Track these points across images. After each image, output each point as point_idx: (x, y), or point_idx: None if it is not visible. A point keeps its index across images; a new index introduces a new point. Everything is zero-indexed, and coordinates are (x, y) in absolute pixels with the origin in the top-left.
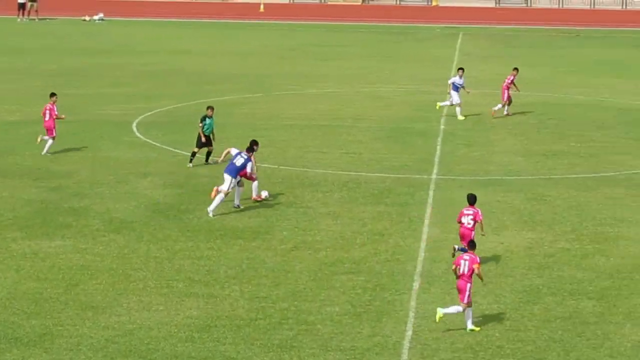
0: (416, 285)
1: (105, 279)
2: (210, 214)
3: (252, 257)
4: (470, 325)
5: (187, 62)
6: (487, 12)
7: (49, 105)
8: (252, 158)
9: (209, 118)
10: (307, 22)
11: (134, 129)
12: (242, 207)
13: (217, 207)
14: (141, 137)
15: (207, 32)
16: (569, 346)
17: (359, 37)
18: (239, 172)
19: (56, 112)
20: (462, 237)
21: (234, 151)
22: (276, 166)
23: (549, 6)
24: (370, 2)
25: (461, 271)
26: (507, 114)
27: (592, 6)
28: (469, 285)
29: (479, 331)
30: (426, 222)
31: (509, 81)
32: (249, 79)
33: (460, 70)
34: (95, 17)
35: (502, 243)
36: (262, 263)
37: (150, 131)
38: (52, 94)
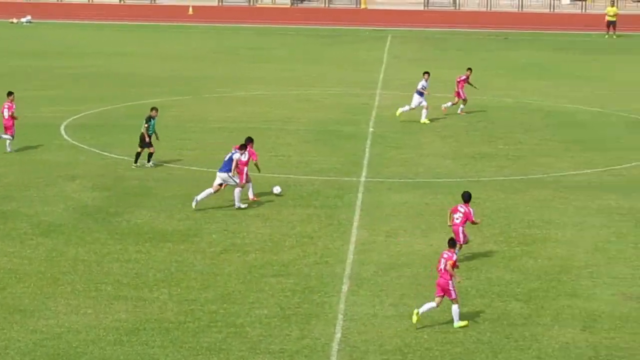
0: (345, 287)
1: (34, 283)
2: (240, 205)
3: (180, 260)
4: (457, 322)
5: (116, 65)
6: (416, 15)
7: (7, 104)
8: (250, 152)
9: (153, 119)
10: (236, 24)
11: (62, 131)
12: (243, 207)
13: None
14: (69, 139)
15: (136, 35)
16: (497, 348)
17: (288, 40)
18: (229, 166)
19: (13, 110)
20: (453, 232)
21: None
22: (205, 169)
23: (477, 9)
24: (299, 5)
25: (439, 267)
26: (444, 111)
27: (520, 9)
28: (450, 282)
29: (466, 325)
30: (355, 224)
31: (461, 80)
32: (178, 82)
33: (426, 74)
34: (23, 20)
35: (430, 245)
36: (191, 266)
37: (78, 134)
38: (10, 93)
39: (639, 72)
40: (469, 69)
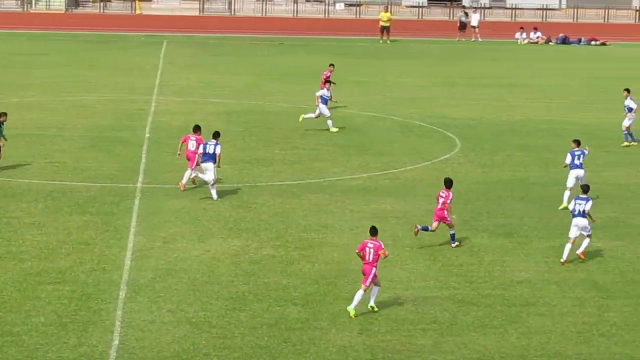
0: (122, 294)
1: None
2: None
3: None
4: (372, 302)
5: None
6: (192, 20)
7: None
8: (197, 139)
9: (2, 124)
10: (9, 30)
11: None
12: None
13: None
14: None
15: None
16: (276, 352)
17: (63, 46)
18: (213, 156)
19: None
20: (435, 215)
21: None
22: None
23: (252, 14)
24: (74, 11)
25: (367, 258)
26: None
27: (295, 14)
28: (373, 269)
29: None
30: (132, 230)
31: (325, 77)
32: None
33: (327, 84)
34: None
35: (208, 250)
36: None
37: None
38: None
39: (412, 77)
40: (331, 64)
